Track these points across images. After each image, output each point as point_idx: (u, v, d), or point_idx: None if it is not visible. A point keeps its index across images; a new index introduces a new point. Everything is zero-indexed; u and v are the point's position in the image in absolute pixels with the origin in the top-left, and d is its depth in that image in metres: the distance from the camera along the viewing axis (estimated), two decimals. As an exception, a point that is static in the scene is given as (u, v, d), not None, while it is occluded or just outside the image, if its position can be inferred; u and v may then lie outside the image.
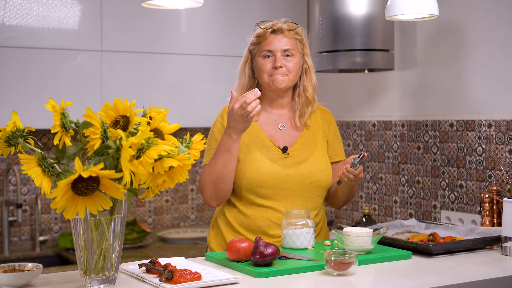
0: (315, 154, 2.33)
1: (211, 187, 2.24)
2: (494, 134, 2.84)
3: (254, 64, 2.33)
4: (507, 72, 2.82)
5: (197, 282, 1.68)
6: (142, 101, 2.04)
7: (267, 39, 2.28)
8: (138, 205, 3.80)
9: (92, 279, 1.66)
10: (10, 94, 3.11)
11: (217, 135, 2.32)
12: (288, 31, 2.29)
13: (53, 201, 1.48)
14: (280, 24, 2.29)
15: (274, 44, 2.27)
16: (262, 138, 2.30)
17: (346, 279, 1.80)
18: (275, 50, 2.27)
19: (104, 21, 3.30)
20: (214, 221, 2.43)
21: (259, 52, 2.30)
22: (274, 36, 2.28)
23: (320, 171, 2.31)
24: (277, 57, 2.26)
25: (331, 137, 2.41)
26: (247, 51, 2.36)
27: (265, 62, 2.28)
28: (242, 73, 2.37)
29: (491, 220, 2.64)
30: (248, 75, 2.34)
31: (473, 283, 1.80)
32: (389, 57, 3.16)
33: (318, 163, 2.32)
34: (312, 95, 2.36)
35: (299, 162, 2.30)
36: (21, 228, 3.48)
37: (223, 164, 2.20)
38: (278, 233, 2.28)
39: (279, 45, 2.27)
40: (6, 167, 3.42)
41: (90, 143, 1.58)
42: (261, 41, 2.29)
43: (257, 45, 2.31)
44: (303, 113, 2.36)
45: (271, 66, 2.27)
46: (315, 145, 2.35)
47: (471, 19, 2.97)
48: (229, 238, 2.32)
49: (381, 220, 3.47)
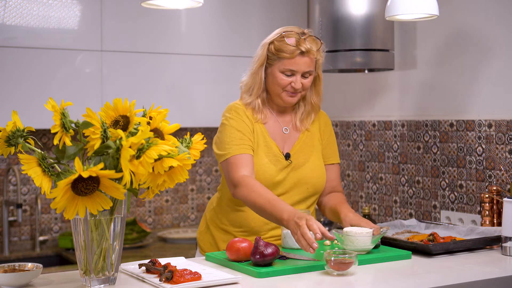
0: (311, 158, 2.34)
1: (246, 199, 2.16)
2: (494, 134, 2.84)
3: (268, 70, 2.27)
4: (507, 72, 2.82)
5: (197, 282, 1.68)
6: (142, 101, 2.04)
7: (293, 59, 2.21)
8: (138, 205, 3.80)
9: (92, 279, 1.66)
10: (10, 94, 3.11)
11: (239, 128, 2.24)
12: (314, 52, 2.22)
13: (53, 201, 1.48)
14: (308, 46, 2.20)
15: (299, 66, 2.21)
16: (269, 143, 2.29)
17: (346, 279, 1.80)
18: (298, 71, 2.22)
19: (104, 21, 3.30)
20: (204, 219, 2.45)
21: (280, 66, 2.23)
22: (300, 58, 2.21)
23: (316, 176, 2.32)
24: (298, 78, 2.23)
25: (325, 139, 2.41)
26: (265, 54, 2.26)
27: (284, 78, 2.23)
28: (255, 74, 2.29)
29: (491, 220, 2.64)
30: (261, 79, 2.28)
31: (473, 283, 1.80)
32: (389, 57, 3.16)
33: (315, 168, 2.33)
34: (317, 103, 2.36)
35: (297, 166, 2.30)
36: (21, 228, 3.48)
37: (263, 214, 2.12)
38: (270, 234, 2.30)
39: (303, 67, 2.22)
40: (6, 167, 3.42)
41: (90, 143, 1.58)
42: (285, 58, 2.21)
43: (280, 59, 2.23)
44: (305, 119, 2.36)
45: (289, 83, 2.23)
46: (312, 148, 2.36)
47: (471, 19, 2.97)
48: (218, 236, 2.35)
49: (381, 220, 3.47)
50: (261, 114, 2.31)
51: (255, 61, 2.30)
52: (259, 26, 3.66)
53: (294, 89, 2.24)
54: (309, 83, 2.26)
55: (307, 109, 2.36)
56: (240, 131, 2.24)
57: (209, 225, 2.40)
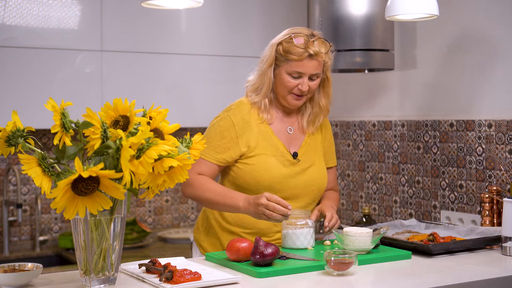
0: (317, 160, 2.35)
1: (194, 197, 2.24)
2: (494, 134, 2.84)
3: (276, 71, 2.26)
4: (507, 72, 2.82)
5: (197, 282, 1.68)
6: (142, 101, 2.04)
7: (301, 62, 2.20)
8: (138, 205, 3.80)
9: (92, 279, 1.66)
10: (10, 94, 3.11)
11: (223, 132, 2.25)
12: (323, 55, 2.21)
13: (53, 201, 1.48)
14: (316, 48, 2.19)
15: (306, 68, 2.20)
16: (275, 142, 2.29)
17: (346, 279, 1.80)
18: (305, 73, 2.21)
19: (104, 21, 3.30)
20: (204, 219, 2.41)
21: (287, 68, 2.22)
22: (309, 61, 2.20)
23: (321, 178, 2.34)
24: (305, 80, 2.22)
25: (326, 142, 2.42)
26: (273, 55, 2.25)
27: (291, 80, 2.22)
28: (264, 75, 2.27)
29: (491, 220, 2.64)
30: (270, 79, 2.26)
31: (473, 283, 1.80)
32: (389, 57, 3.16)
33: (321, 170, 2.36)
34: (325, 106, 2.34)
35: (305, 168, 2.31)
36: (21, 228, 3.47)
37: (216, 207, 2.23)
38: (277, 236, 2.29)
39: (311, 70, 2.21)
40: (6, 167, 3.42)
41: (90, 143, 1.58)
42: (293, 60, 2.20)
43: (288, 61, 2.21)
44: (313, 121, 2.35)
45: (296, 85, 2.22)
46: (316, 150, 2.37)
47: (471, 19, 2.97)
48: (224, 236, 2.34)
49: (381, 220, 3.47)
50: (268, 114, 2.29)
51: (264, 61, 2.28)
52: (259, 26, 3.66)
53: (300, 92, 2.23)
54: (315, 86, 2.26)
55: (315, 111, 2.34)
56: (223, 136, 2.24)
57: (213, 225, 2.37)
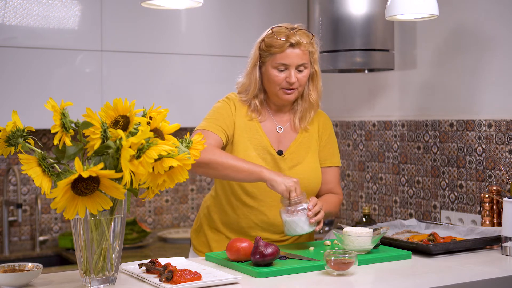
0: (306, 159, 2.31)
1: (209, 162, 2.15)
2: (494, 134, 2.84)
3: (263, 69, 2.26)
4: (507, 72, 2.82)
5: (197, 282, 1.68)
6: (142, 101, 2.04)
7: (284, 52, 2.20)
8: (138, 205, 3.80)
9: (92, 279, 1.66)
10: (10, 94, 3.11)
11: (222, 111, 2.29)
12: (305, 44, 2.21)
13: (53, 201, 1.48)
14: (297, 38, 2.19)
15: (290, 59, 2.20)
16: (261, 137, 2.28)
17: (346, 279, 1.80)
18: (290, 65, 2.20)
19: (104, 21, 3.30)
20: (197, 217, 2.44)
21: (272, 62, 2.22)
22: (291, 50, 2.20)
23: (309, 178, 2.28)
24: (292, 72, 2.21)
25: (324, 140, 2.37)
26: (257, 53, 2.26)
27: (278, 75, 2.22)
28: (250, 75, 2.29)
29: (491, 220, 2.64)
30: (256, 79, 2.27)
31: (473, 283, 1.80)
32: (389, 57, 3.16)
33: (309, 169, 2.30)
34: (315, 100, 2.32)
35: (291, 166, 2.28)
36: (21, 228, 3.48)
37: (234, 170, 2.14)
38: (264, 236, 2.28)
39: (296, 60, 2.20)
40: (6, 167, 3.42)
41: (90, 143, 1.58)
42: (276, 52, 2.21)
43: (271, 55, 2.22)
44: (304, 117, 2.33)
45: (284, 79, 2.22)
46: (308, 149, 2.33)
47: (471, 19, 2.97)
48: (210, 236, 2.35)
49: (381, 220, 3.47)
50: (259, 114, 2.30)
51: (249, 61, 2.30)
52: (259, 26, 3.65)
53: (289, 84, 2.22)
54: (304, 78, 2.24)
55: (305, 107, 2.33)
56: (221, 114, 2.28)
57: (202, 224, 2.39)
